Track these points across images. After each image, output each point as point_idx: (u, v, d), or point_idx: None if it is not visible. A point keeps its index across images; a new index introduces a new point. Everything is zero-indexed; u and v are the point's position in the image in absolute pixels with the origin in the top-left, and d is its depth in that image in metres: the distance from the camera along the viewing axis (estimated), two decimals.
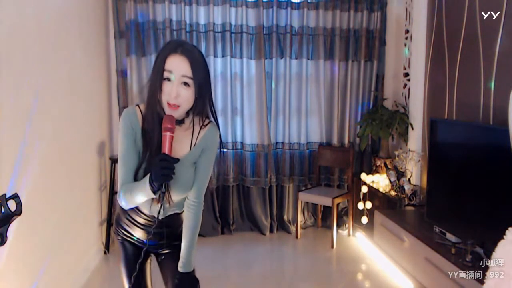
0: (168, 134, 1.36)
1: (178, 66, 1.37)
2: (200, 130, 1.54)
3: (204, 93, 1.44)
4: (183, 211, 1.66)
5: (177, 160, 1.36)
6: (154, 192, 1.37)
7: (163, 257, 1.72)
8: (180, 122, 1.49)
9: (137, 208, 1.58)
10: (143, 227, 1.61)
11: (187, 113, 1.49)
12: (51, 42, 2.61)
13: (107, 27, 3.82)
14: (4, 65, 2.04)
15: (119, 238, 1.68)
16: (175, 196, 1.51)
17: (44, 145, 2.49)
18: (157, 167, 1.32)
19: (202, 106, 1.47)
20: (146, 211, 1.58)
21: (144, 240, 1.63)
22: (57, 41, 2.70)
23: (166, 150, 1.36)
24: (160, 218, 1.56)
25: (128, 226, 1.63)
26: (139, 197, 1.42)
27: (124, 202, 1.47)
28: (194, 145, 1.52)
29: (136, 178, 1.46)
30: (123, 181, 1.46)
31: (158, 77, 1.38)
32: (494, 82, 2.75)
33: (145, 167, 1.45)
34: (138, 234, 1.63)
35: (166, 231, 1.63)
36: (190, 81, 1.38)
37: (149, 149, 1.45)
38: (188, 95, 1.39)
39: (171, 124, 1.36)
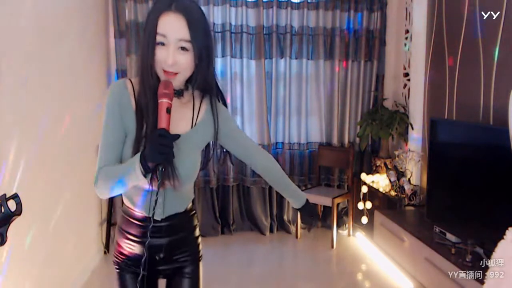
0: (164, 100, 1.13)
1: (173, 28, 1.15)
2: (200, 105, 1.32)
3: (204, 59, 1.21)
4: (188, 210, 1.39)
5: (177, 136, 1.13)
6: (145, 175, 1.12)
7: (168, 277, 1.40)
8: (178, 93, 1.27)
9: (133, 218, 1.32)
10: (143, 240, 1.31)
11: (186, 85, 1.29)
12: (51, 42, 2.61)
13: (107, 27, 3.82)
14: (4, 65, 2.04)
15: (117, 267, 1.37)
16: (178, 185, 1.24)
17: (44, 145, 2.49)
18: (154, 143, 1.09)
19: (203, 76, 1.25)
20: (145, 214, 1.30)
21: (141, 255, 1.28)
22: (57, 41, 2.70)
23: (163, 122, 1.13)
24: (159, 219, 1.30)
25: (128, 247, 1.35)
26: (122, 183, 1.17)
27: (102, 188, 1.22)
28: (195, 124, 1.31)
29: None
30: (102, 164, 1.23)
31: (150, 42, 1.16)
32: (494, 81, 2.75)
33: (145, 144, 1.22)
34: (137, 250, 1.33)
35: (168, 241, 1.33)
36: (188, 45, 1.16)
37: (144, 126, 1.22)
38: (187, 61, 1.18)
39: (167, 89, 1.14)
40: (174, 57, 1.15)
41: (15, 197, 1.06)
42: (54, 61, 2.65)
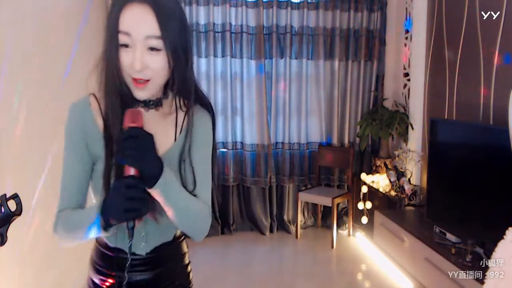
0: None
1: (137, 23, 0.91)
2: (185, 115, 1.08)
3: (181, 58, 0.97)
4: (176, 237, 1.17)
5: (153, 183, 0.92)
6: (105, 228, 0.94)
7: None
8: (156, 104, 1.03)
9: (105, 247, 1.15)
10: (118, 277, 1.12)
11: (165, 92, 1.04)
12: (51, 42, 2.61)
13: None
14: (4, 65, 2.04)
15: None
16: (160, 215, 1.03)
17: (44, 145, 2.49)
18: (119, 197, 0.88)
19: (181, 80, 1.00)
20: (118, 246, 1.10)
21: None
22: (57, 41, 2.70)
23: (131, 168, 0.90)
24: (144, 253, 1.10)
25: (103, 283, 1.18)
26: (82, 234, 0.98)
27: (62, 236, 1.05)
28: (179, 136, 1.08)
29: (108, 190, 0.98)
30: (63, 207, 1.05)
31: (112, 44, 0.93)
32: (494, 81, 2.75)
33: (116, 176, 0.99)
34: (115, 285, 1.13)
35: (153, 275, 1.11)
36: (159, 43, 0.92)
37: (114, 155, 0.98)
38: (160, 64, 0.94)
39: (135, 122, 0.91)
40: (142, 60, 0.92)
41: (15, 197, 1.05)
42: (54, 61, 2.65)
